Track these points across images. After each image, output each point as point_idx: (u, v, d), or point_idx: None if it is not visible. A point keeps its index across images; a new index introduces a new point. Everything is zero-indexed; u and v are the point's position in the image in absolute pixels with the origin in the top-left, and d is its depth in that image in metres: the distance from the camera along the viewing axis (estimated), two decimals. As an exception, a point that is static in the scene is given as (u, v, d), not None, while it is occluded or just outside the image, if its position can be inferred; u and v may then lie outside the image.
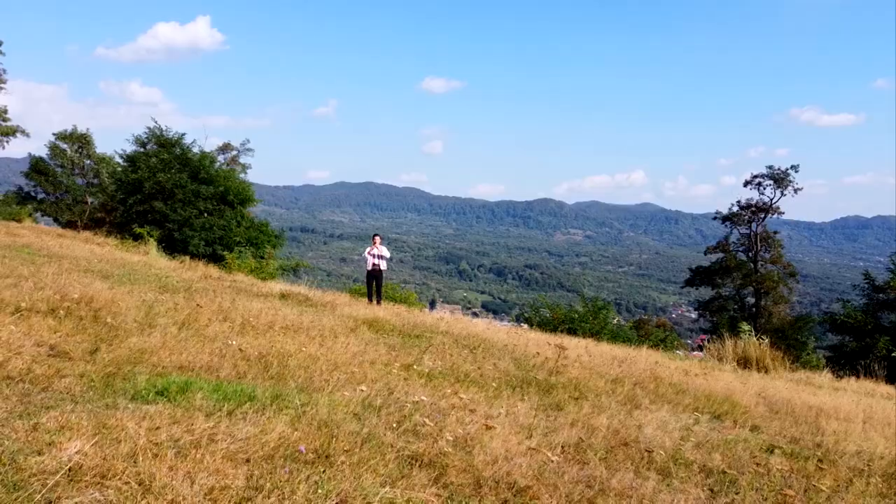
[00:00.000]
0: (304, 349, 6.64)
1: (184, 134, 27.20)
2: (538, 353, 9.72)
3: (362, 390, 4.52)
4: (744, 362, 17.63)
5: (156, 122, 27.15)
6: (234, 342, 5.87)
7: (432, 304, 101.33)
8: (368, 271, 15.96)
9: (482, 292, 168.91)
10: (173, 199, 24.74)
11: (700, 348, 40.54)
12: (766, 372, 16.71)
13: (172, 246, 23.85)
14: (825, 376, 17.21)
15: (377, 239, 16.11)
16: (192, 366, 4.89)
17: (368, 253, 15.89)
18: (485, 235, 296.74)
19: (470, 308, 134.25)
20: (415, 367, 6.99)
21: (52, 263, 13.20)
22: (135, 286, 11.38)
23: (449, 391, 5.56)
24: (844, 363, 23.66)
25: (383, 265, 15.92)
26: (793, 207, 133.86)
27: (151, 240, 22.30)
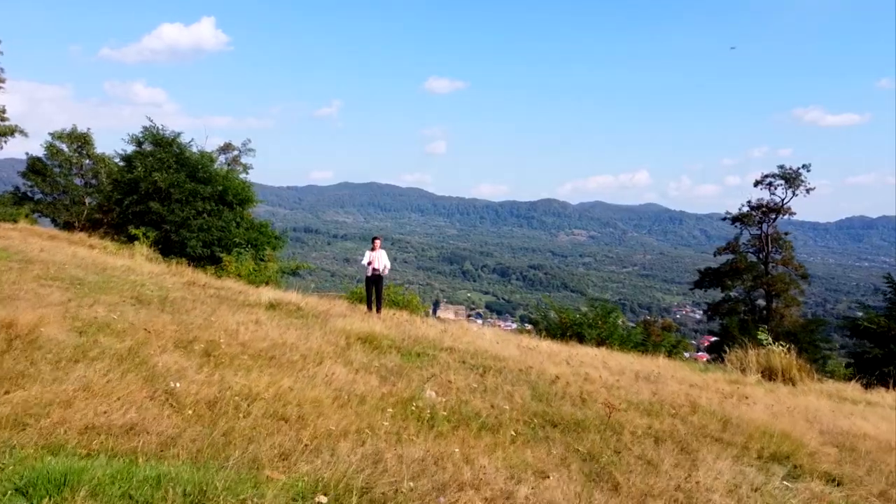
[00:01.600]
0: (275, 384, 5.36)
1: (180, 133, 25.96)
2: (557, 378, 8.42)
3: (325, 477, 3.18)
4: (768, 373, 16.41)
5: (151, 122, 25.83)
6: (178, 384, 4.56)
7: (436, 306, 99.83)
8: (368, 277, 14.71)
9: (486, 293, 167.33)
10: (170, 200, 23.55)
11: (708, 350, 39.21)
12: (793, 384, 15.50)
13: (169, 247, 22.68)
14: (854, 387, 16.08)
15: (377, 242, 14.81)
16: (107, 426, 3.57)
17: (368, 262, 14.61)
18: (488, 236, 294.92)
19: (474, 308, 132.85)
20: (413, 404, 5.70)
21: (18, 270, 11.96)
22: (101, 296, 10.11)
23: (456, 450, 4.25)
24: (872, 372, 22.32)
25: (383, 270, 14.68)
26: (797, 207, 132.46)
27: (140, 242, 21.06)
